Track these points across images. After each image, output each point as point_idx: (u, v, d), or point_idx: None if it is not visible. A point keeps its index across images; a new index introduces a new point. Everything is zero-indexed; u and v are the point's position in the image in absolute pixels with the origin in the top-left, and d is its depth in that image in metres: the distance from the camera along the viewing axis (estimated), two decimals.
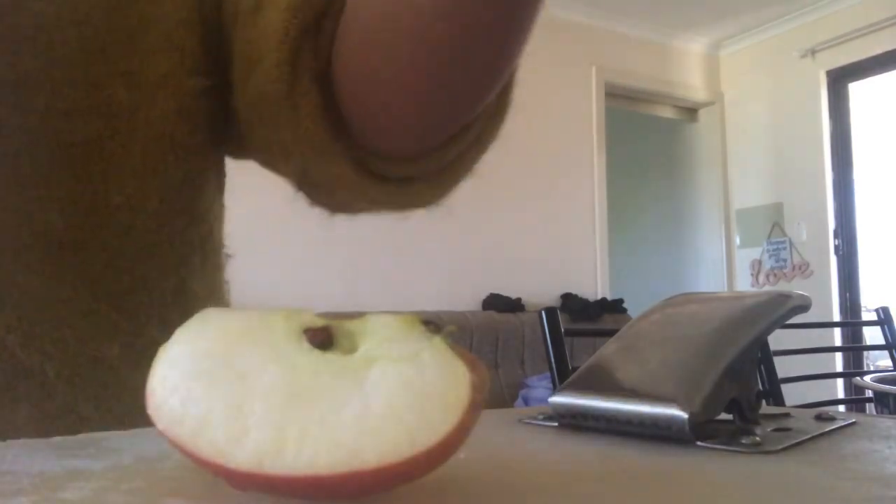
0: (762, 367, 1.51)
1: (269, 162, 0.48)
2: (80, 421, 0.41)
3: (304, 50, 0.39)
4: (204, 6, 0.46)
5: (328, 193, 0.46)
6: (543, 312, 1.33)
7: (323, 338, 0.21)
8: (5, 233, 0.40)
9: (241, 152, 0.51)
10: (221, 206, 0.53)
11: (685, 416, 0.28)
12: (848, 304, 4.03)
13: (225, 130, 0.49)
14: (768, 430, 0.32)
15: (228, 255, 0.53)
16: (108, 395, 0.43)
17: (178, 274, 0.47)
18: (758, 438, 0.29)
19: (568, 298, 3.73)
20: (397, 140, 0.42)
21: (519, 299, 3.55)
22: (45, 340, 0.41)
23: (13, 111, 0.40)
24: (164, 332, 0.21)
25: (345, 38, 0.39)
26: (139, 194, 0.44)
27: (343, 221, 0.51)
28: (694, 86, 4.58)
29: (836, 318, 3.99)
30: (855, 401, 1.99)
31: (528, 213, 3.73)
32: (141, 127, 0.43)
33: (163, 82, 0.44)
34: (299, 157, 0.42)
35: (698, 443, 0.29)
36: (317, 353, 0.21)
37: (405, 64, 0.37)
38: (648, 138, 5.11)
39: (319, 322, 0.22)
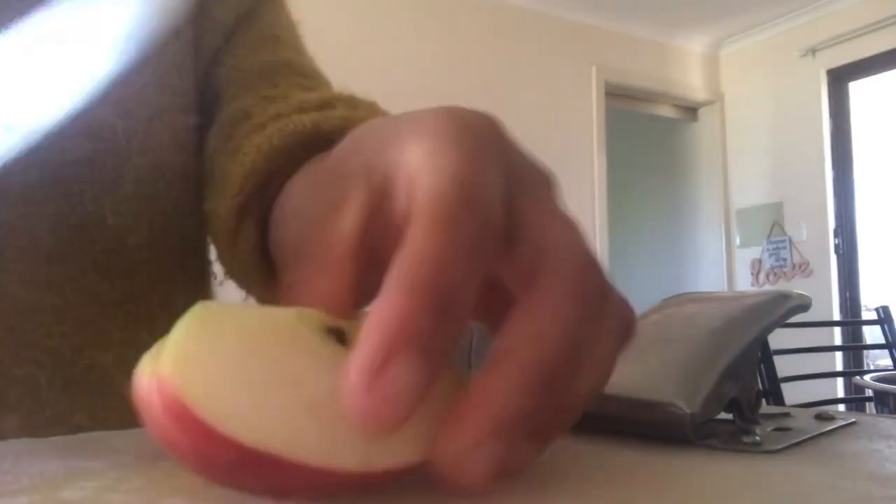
0: (762, 367, 1.51)
1: None
2: (74, 430, 0.41)
3: (252, 201, 0.44)
4: (200, 61, 0.49)
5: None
6: None
7: (340, 339, 0.21)
8: None
9: None
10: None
11: (685, 416, 0.28)
12: (848, 303, 4.03)
13: None
14: (768, 429, 0.32)
15: (215, 276, 0.54)
16: (103, 403, 0.43)
17: (164, 288, 0.48)
18: (758, 438, 0.29)
19: None
20: None
21: None
22: (38, 350, 0.41)
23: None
24: (154, 338, 0.21)
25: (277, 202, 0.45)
26: (130, 216, 0.45)
27: None
28: (694, 85, 4.57)
29: (836, 317, 3.99)
30: (855, 400, 2.00)
31: None
32: (134, 154, 0.45)
33: (156, 115, 0.46)
34: (233, 264, 0.47)
35: (698, 443, 0.29)
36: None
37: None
38: (648, 138, 5.11)
39: (332, 322, 0.21)
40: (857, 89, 4.12)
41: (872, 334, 3.41)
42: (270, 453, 0.17)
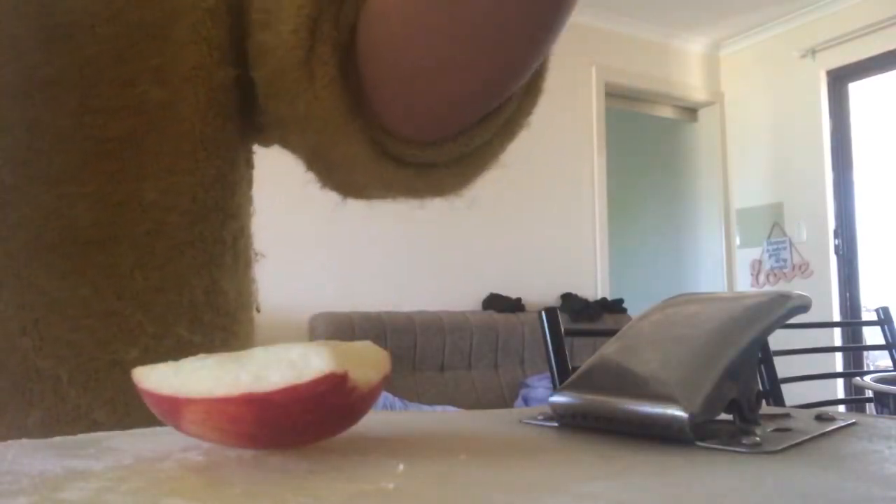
0: (762, 367, 1.51)
1: (285, 138, 0.47)
2: (94, 426, 0.40)
3: (324, 18, 0.38)
4: None
5: (344, 175, 0.44)
6: (543, 312, 1.33)
7: None
8: (29, 231, 0.39)
9: (262, 135, 0.50)
10: (250, 201, 0.51)
11: (685, 416, 0.28)
12: (848, 304, 4.03)
13: (252, 119, 0.48)
14: (768, 430, 0.32)
15: (257, 253, 0.51)
16: (125, 399, 0.42)
17: (209, 273, 0.45)
18: (758, 439, 0.29)
19: (568, 298, 3.73)
20: (421, 118, 0.40)
21: (519, 299, 3.55)
22: (61, 344, 0.40)
23: (46, 110, 0.39)
24: (196, 331, 0.21)
25: (372, 6, 0.38)
26: (172, 191, 0.43)
27: (343, 221, 0.51)
28: (694, 86, 4.57)
29: (836, 318, 3.99)
30: (855, 401, 1.99)
31: (528, 213, 3.73)
32: (173, 123, 0.42)
33: (192, 76, 0.43)
34: (313, 133, 0.41)
35: (698, 443, 0.29)
36: None
37: (435, 31, 0.35)
38: (648, 138, 5.11)
39: None
40: (857, 90, 4.12)
41: (872, 335, 3.42)
42: None
